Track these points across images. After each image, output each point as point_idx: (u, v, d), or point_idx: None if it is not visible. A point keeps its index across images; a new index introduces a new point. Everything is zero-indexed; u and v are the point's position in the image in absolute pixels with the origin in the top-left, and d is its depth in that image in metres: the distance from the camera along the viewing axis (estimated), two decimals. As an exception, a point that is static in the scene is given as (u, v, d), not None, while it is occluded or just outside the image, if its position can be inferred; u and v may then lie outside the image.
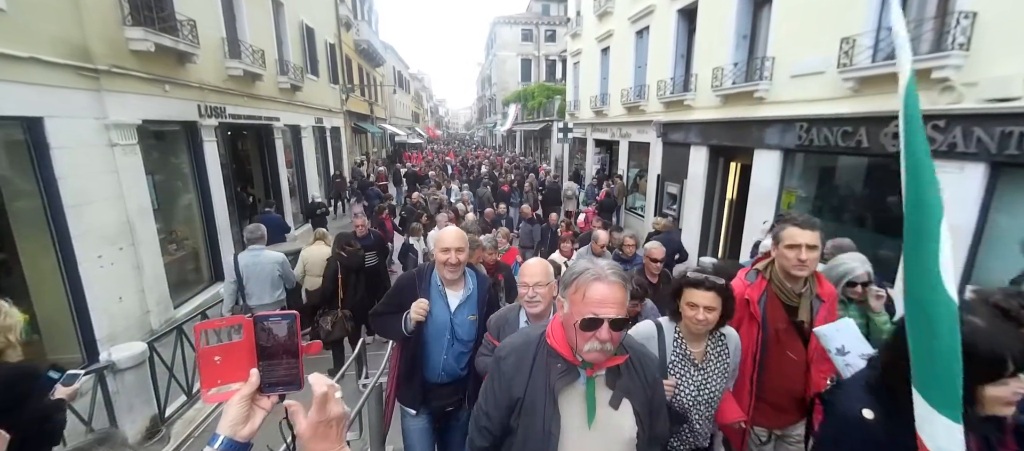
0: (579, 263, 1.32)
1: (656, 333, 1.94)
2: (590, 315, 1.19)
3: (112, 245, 5.28)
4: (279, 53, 10.60)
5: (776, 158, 7.08)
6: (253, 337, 0.81)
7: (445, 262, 2.21)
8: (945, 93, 4.57)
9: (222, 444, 0.75)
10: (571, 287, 1.27)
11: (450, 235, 2.26)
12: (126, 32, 5.51)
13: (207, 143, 7.38)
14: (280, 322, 0.81)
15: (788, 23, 6.72)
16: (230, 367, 0.80)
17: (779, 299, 2.07)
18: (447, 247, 2.22)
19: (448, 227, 2.37)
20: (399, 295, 2.31)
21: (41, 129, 4.49)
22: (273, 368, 0.81)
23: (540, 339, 1.39)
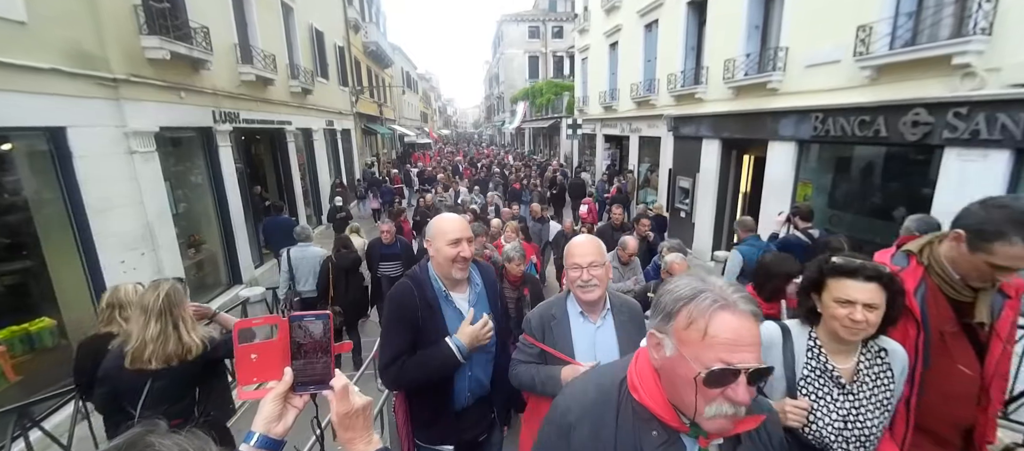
0: (682, 281, 0.92)
1: (779, 338, 1.44)
2: (719, 365, 0.81)
3: (133, 250, 5.41)
4: (290, 57, 10.73)
5: (791, 149, 6.97)
6: (288, 337, 0.83)
7: (454, 257, 1.74)
8: (967, 79, 4.46)
9: (257, 441, 0.77)
10: (678, 318, 0.87)
11: (454, 223, 1.79)
12: (142, 41, 5.63)
13: (222, 148, 7.51)
14: (315, 321, 0.84)
15: (802, 12, 6.59)
16: (265, 365, 0.83)
17: (943, 292, 1.53)
18: (457, 238, 1.74)
19: (447, 214, 1.89)
20: (403, 322, 1.75)
21: (64, 139, 4.61)
22: (306, 367, 0.83)
23: (620, 392, 0.99)
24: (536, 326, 1.83)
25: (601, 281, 1.74)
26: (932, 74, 4.78)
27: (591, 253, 1.74)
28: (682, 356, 0.86)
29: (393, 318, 1.78)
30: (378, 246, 5.37)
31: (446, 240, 1.75)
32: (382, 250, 5.33)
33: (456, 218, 1.85)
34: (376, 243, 5.42)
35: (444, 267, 1.78)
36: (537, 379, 1.75)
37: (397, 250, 5.31)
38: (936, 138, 4.74)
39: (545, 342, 1.79)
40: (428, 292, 1.79)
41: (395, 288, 1.85)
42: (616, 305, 1.83)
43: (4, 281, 4.49)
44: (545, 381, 1.72)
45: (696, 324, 0.84)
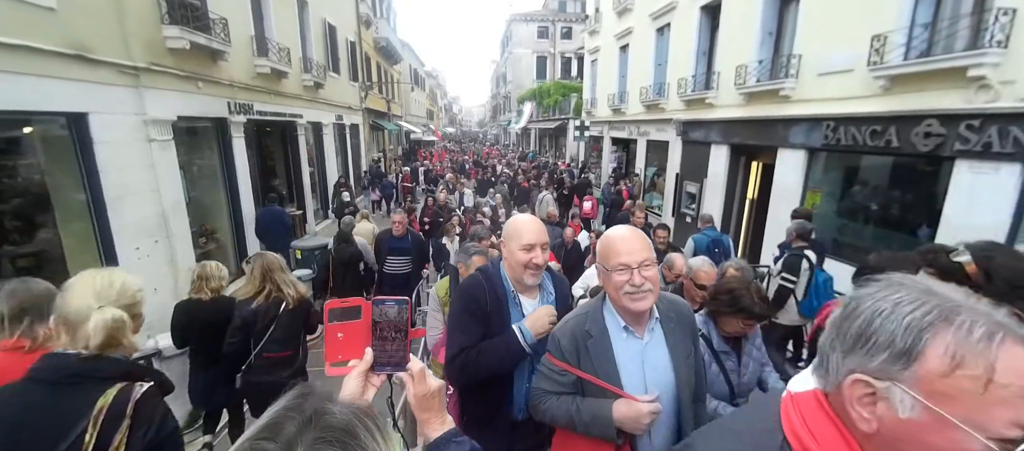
0: (892, 293, 0.62)
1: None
2: (1019, 430, 0.53)
3: (148, 238, 5.48)
4: (303, 51, 10.81)
5: (801, 157, 7.00)
6: (370, 318, 0.88)
7: (527, 263, 1.63)
8: (981, 91, 4.49)
9: None
10: (928, 357, 0.56)
11: (531, 227, 1.67)
12: (163, 30, 5.70)
13: (236, 139, 7.58)
14: (394, 306, 0.89)
15: (816, 20, 6.62)
16: (349, 344, 0.89)
17: None
18: (531, 243, 1.62)
19: (524, 216, 1.78)
20: (473, 316, 1.66)
21: (86, 125, 4.68)
22: (385, 348, 0.89)
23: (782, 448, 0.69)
24: (568, 347, 1.46)
25: (655, 285, 1.38)
26: (946, 85, 4.80)
27: (642, 249, 1.38)
28: (940, 419, 0.55)
29: (463, 311, 1.68)
30: (388, 238, 5.08)
31: (520, 243, 1.63)
32: (391, 243, 5.03)
33: (533, 221, 1.72)
34: (386, 235, 5.16)
35: (516, 270, 1.67)
36: (579, 418, 1.41)
37: (408, 244, 5.05)
38: (948, 150, 4.77)
39: (582, 367, 1.43)
40: (499, 290, 1.70)
41: (467, 281, 1.83)
42: (662, 310, 1.50)
43: (20, 264, 4.56)
44: (591, 422, 1.38)
45: (969, 366, 0.54)
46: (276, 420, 0.51)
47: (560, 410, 1.46)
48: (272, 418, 0.52)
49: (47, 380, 1.15)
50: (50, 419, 1.12)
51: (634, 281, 1.35)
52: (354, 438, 0.49)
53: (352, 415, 0.53)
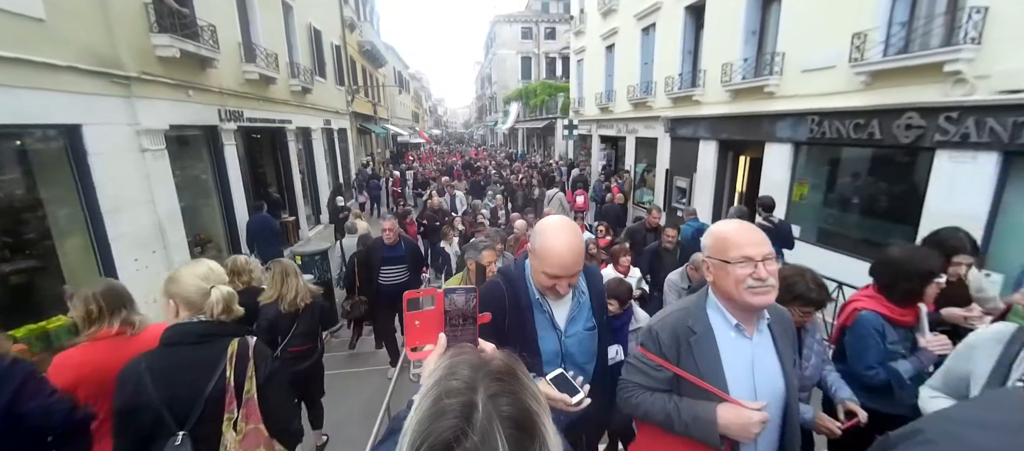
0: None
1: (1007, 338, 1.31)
2: None
3: (146, 249, 5.40)
4: (290, 56, 10.71)
5: (787, 151, 7.23)
6: (443, 307, 0.96)
7: (550, 287, 1.46)
8: (958, 86, 4.72)
9: None
10: None
11: (562, 256, 1.40)
12: (153, 39, 5.62)
13: (227, 147, 7.50)
14: (463, 295, 0.96)
15: (798, 19, 6.85)
16: (426, 331, 0.96)
17: None
18: (555, 275, 1.42)
19: (562, 233, 1.42)
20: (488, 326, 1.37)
21: (79, 136, 4.61)
22: (456, 333, 0.96)
23: None
24: (667, 342, 1.38)
25: (777, 281, 1.30)
26: (925, 80, 5.04)
27: (763, 242, 1.31)
28: None
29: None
30: (379, 248, 4.60)
31: (547, 266, 1.42)
32: (384, 252, 4.56)
33: (567, 246, 1.41)
34: (376, 245, 4.68)
35: (540, 282, 1.49)
36: (677, 418, 1.35)
37: (401, 252, 4.62)
38: (928, 141, 5.00)
39: (681, 365, 1.37)
40: (522, 296, 1.53)
41: (484, 286, 1.64)
42: (770, 310, 1.41)
43: (16, 279, 4.47)
44: (692, 424, 1.32)
45: None
46: (452, 367, 0.58)
47: (655, 407, 1.40)
48: (447, 368, 0.59)
49: (184, 341, 1.53)
50: (199, 365, 1.52)
51: (759, 274, 1.27)
52: (515, 377, 0.57)
53: (507, 359, 0.60)
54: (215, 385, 1.50)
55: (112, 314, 1.82)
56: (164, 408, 1.43)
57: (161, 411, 1.42)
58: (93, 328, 1.80)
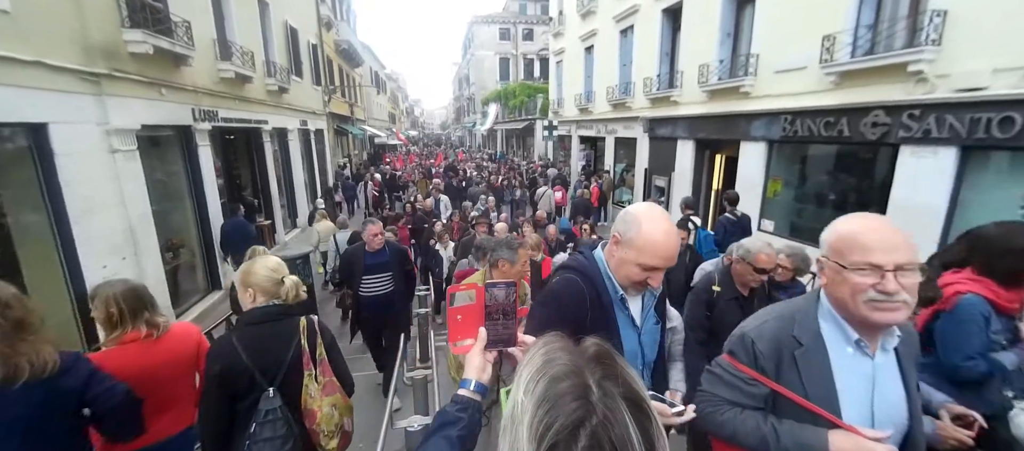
0: None
1: None
2: None
3: (116, 254, 5.16)
4: (266, 54, 10.42)
5: (762, 149, 7.51)
6: (483, 301, 0.97)
7: (639, 282, 1.35)
8: (919, 84, 5.02)
9: (475, 386, 0.95)
10: None
11: (668, 240, 1.30)
12: (125, 34, 5.38)
13: (202, 147, 7.24)
14: (503, 289, 0.98)
15: (771, 22, 7.14)
16: (467, 325, 0.98)
17: None
18: (654, 267, 1.32)
19: (661, 216, 1.34)
20: (565, 326, 1.07)
21: (46, 136, 4.36)
22: (496, 328, 0.98)
23: None
24: (766, 352, 1.20)
25: (913, 296, 1.05)
26: (889, 80, 5.34)
27: (902, 246, 1.05)
28: None
29: (552, 320, 1.25)
30: (360, 255, 4.02)
31: (641, 259, 1.30)
32: (367, 260, 3.99)
33: (667, 235, 1.30)
34: (357, 252, 4.09)
35: (623, 279, 1.38)
36: (775, 442, 1.16)
37: (386, 258, 4.05)
38: (893, 137, 5.30)
39: (781, 381, 1.18)
40: (603, 293, 1.40)
41: (559, 282, 1.46)
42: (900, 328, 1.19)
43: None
44: (797, 449, 1.13)
45: None
46: (549, 354, 0.59)
47: (745, 427, 1.20)
48: (544, 355, 0.59)
49: (265, 320, 1.89)
50: (279, 337, 1.90)
51: (886, 287, 1.03)
52: (614, 359, 0.59)
53: (600, 343, 0.62)
54: (293, 352, 1.89)
55: (135, 317, 1.88)
56: (256, 371, 1.80)
57: (254, 373, 1.80)
58: (116, 332, 1.85)
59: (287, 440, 1.81)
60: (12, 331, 1.45)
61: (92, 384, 1.61)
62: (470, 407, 0.93)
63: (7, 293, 1.50)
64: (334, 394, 1.97)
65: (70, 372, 1.57)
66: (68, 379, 1.56)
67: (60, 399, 1.54)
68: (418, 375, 3.14)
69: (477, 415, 0.93)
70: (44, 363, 1.48)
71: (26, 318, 1.49)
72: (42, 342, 1.52)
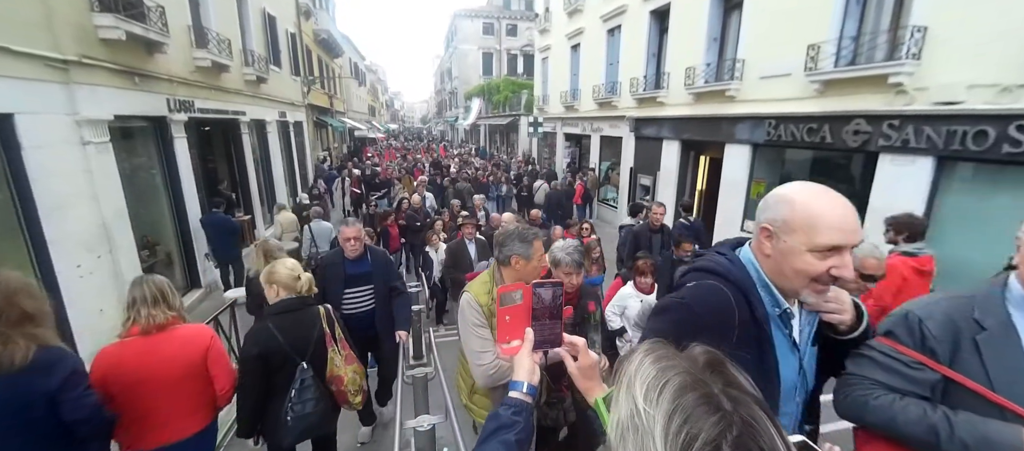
0: None
1: None
2: None
3: (90, 252, 4.87)
4: (243, 42, 10.02)
5: (746, 152, 7.70)
6: (530, 301, 0.96)
7: (819, 276, 1.00)
8: (899, 96, 5.23)
9: (528, 389, 0.95)
10: None
11: (843, 206, 1.01)
12: (95, 19, 5.06)
13: (177, 140, 6.91)
14: (549, 289, 0.98)
15: (757, 29, 7.29)
16: (515, 326, 0.97)
17: None
18: (835, 245, 0.98)
19: (821, 192, 1.03)
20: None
21: (12, 127, 4.07)
22: (542, 329, 0.97)
23: None
24: (939, 335, 1.09)
25: None
26: (871, 90, 5.54)
27: None
28: None
29: (681, 332, 0.90)
30: (339, 263, 3.27)
31: (820, 235, 0.97)
32: (347, 268, 3.25)
33: (840, 201, 1.01)
34: (335, 259, 3.33)
35: (792, 277, 1.03)
36: (950, 435, 1.03)
37: (367, 268, 3.31)
38: (873, 145, 5.51)
39: (958, 368, 1.07)
40: (758, 307, 1.06)
41: (695, 291, 1.10)
42: None
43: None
44: (976, 445, 1.01)
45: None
46: (659, 362, 0.57)
47: (907, 415, 1.08)
48: (655, 364, 0.57)
49: (289, 310, 2.30)
50: (304, 322, 2.34)
51: None
52: (726, 366, 0.58)
53: (709, 351, 0.60)
54: (318, 333, 2.35)
55: (132, 307, 1.99)
56: (289, 348, 2.24)
57: (287, 350, 2.24)
58: (139, 317, 1.97)
59: (318, 401, 2.32)
60: (10, 323, 1.51)
61: (65, 388, 1.60)
62: (524, 410, 0.93)
63: (27, 284, 1.62)
64: (354, 363, 2.51)
65: (45, 370, 1.56)
66: (40, 377, 1.54)
67: (27, 397, 1.53)
68: (418, 373, 3.10)
69: (531, 417, 0.93)
70: (11, 360, 1.48)
71: (37, 313, 1.58)
72: (31, 338, 1.54)
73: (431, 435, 2.38)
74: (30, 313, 1.58)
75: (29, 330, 1.57)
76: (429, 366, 3.51)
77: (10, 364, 1.49)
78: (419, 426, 2.35)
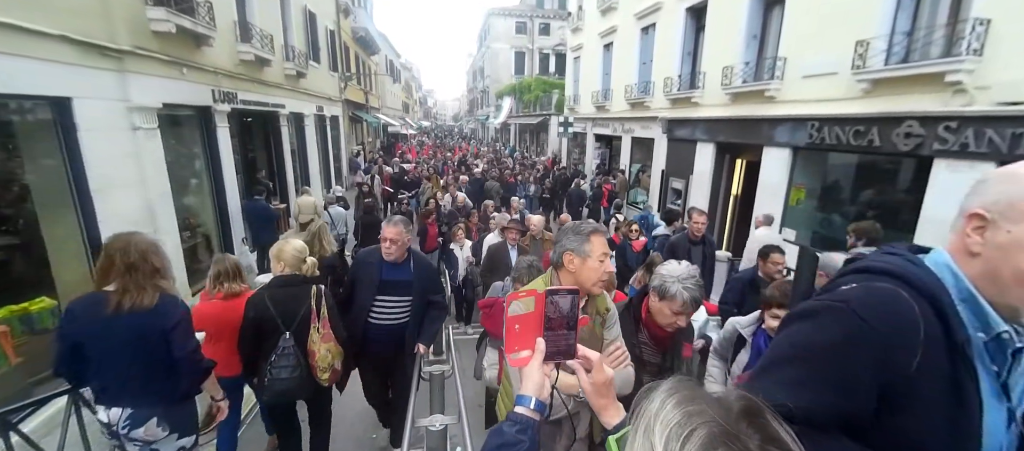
0: None
1: None
2: None
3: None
4: (285, 38, 10.42)
5: (785, 155, 7.34)
6: (543, 310, 0.89)
7: None
8: (957, 96, 4.84)
9: (535, 405, 0.87)
10: None
11: None
12: (148, 12, 5.38)
13: (220, 129, 7.25)
14: (566, 297, 0.90)
15: (800, 25, 6.94)
16: (524, 336, 0.90)
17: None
18: None
19: None
20: (847, 371, 0.77)
21: (69, 110, 4.37)
22: (554, 339, 0.90)
23: None
24: None
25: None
26: (925, 89, 5.16)
27: None
28: None
29: (837, 346, 0.78)
30: (375, 265, 2.86)
31: None
32: (383, 273, 2.85)
33: None
34: (370, 259, 2.90)
35: (1020, 287, 0.75)
36: None
37: (408, 276, 2.90)
38: (927, 149, 5.13)
39: None
40: (958, 330, 0.77)
41: (861, 294, 0.80)
42: None
43: (-4, 258, 4.23)
44: None
45: None
46: (686, 404, 0.51)
47: None
48: (683, 407, 0.51)
49: (289, 285, 2.61)
50: (297, 297, 2.59)
51: None
52: (765, 417, 0.50)
53: (746, 396, 0.53)
54: (305, 308, 2.57)
55: (215, 281, 2.82)
56: (278, 318, 2.51)
57: (276, 319, 2.51)
58: (215, 287, 2.80)
59: (295, 369, 2.54)
60: (143, 274, 1.99)
61: (176, 330, 2.05)
62: (530, 428, 0.85)
63: (155, 243, 2.10)
64: (330, 342, 2.62)
65: (164, 314, 2.02)
66: (162, 318, 2.02)
67: (154, 332, 2.02)
68: (436, 370, 3.09)
69: (536, 436, 0.86)
70: (141, 303, 1.97)
71: (161, 267, 2.06)
72: (156, 288, 2.02)
73: (443, 435, 2.37)
74: (157, 268, 2.03)
75: (156, 281, 2.02)
76: (447, 364, 3.49)
77: (142, 306, 1.97)
78: (431, 425, 2.34)
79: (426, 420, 2.41)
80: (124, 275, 1.97)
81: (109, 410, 2.08)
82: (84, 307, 1.98)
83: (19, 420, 2.72)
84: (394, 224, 2.83)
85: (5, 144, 4.26)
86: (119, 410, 2.07)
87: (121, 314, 1.94)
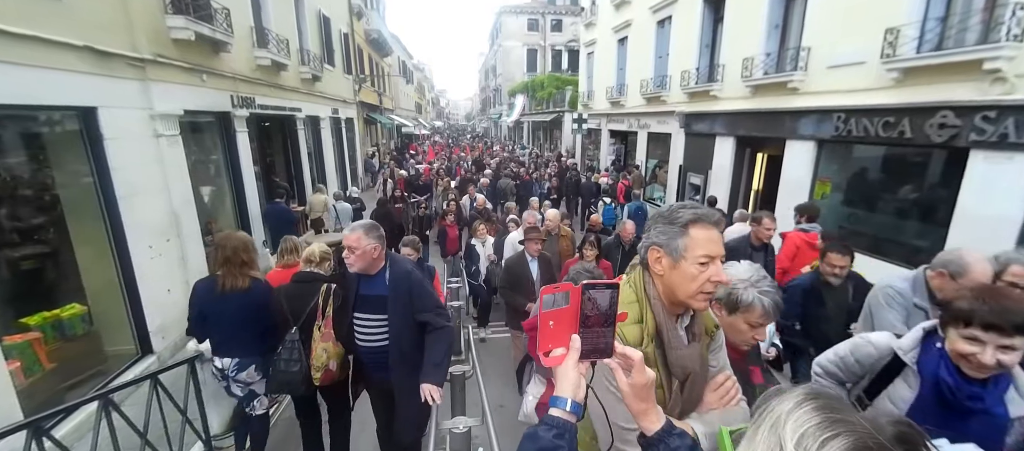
0: None
1: None
2: None
3: (160, 237, 5.28)
4: (300, 42, 10.53)
5: (810, 148, 7.12)
6: (579, 305, 0.84)
7: None
8: (996, 84, 4.61)
9: (571, 406, 0.82)
10: None
11: None
12: (168, 21, 5.47)
13: (240, 134, 7.36)
14: (604, 291, 0.84)
15: (825, 13, 6.70)
16: (559, 332, 0.85)
17: None
18: None
19: None
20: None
21: (95, 119, 4.46)
22: (591, 337, 0.84)
23: None
24: None
25: None
26: (960, 78, 4.92)
27: None
28: None
29: None
30: (353, 277, 2.50)
31: None
32: (360, 286, 2.53)
33: None
34: (350, 273, 2.47)
35: None
36: None
37: (382, 290, 2.48)
38: (963, 140, 4.89)
39: None
40: None
41: None
42: None
43: (28, 264, 4.34)
44: None
45: None
46: (827, 411, 0.49)
47: None
48: (820, 409, 0.49)
49: (304, 281, 2.84)
50: (308, 294, 2.73)
51: None
52: (844, 405, 0.48)
53: (903, 420, 0.50)
54: (312, 305, 2.68)
55: (282, 255, 3.92)
56: (289, 312, 2.70)
57: (287, 314, 2.71)
58: (284, 259, 3.85)
59: (296, 362, 2.64)
60: (236, 264, 2.72)
61: (269, 302, 2.79)
62: (568, 431, 0.81)
63: (248, 241, 2.84)
64: (329, 342, 2.62)
65: (256, 293, 2.77)
66: (255, 296, 2.76)
67: (250, 306, 2.75)
68: (456, 371, 3.05)
69: (574, 440, 0.82)
70: (238, 285, 2.71)
71: (249, 260, 2.78)
72: (247, 276, 2.75)
73: (466, 437, 2.33)
74: (246, 261, 2.76)
75: (246, 271, 2.76)
76: (467, 364, 3.45)
77: (238, 287, 2.70)
78: (454, 428, 2.29)
79: (449, 422, 2.37)
80: (223, 265, 2.72)
81: (222, 359, 2.86)
82: (203, 286, 2.78)
83: (51, 425, 2.81)
84: (353, 229, 2.39)
85: (36, 156, 4.39)
86: (229, 360, 2.84)
87: (226, 293, 2.69)
